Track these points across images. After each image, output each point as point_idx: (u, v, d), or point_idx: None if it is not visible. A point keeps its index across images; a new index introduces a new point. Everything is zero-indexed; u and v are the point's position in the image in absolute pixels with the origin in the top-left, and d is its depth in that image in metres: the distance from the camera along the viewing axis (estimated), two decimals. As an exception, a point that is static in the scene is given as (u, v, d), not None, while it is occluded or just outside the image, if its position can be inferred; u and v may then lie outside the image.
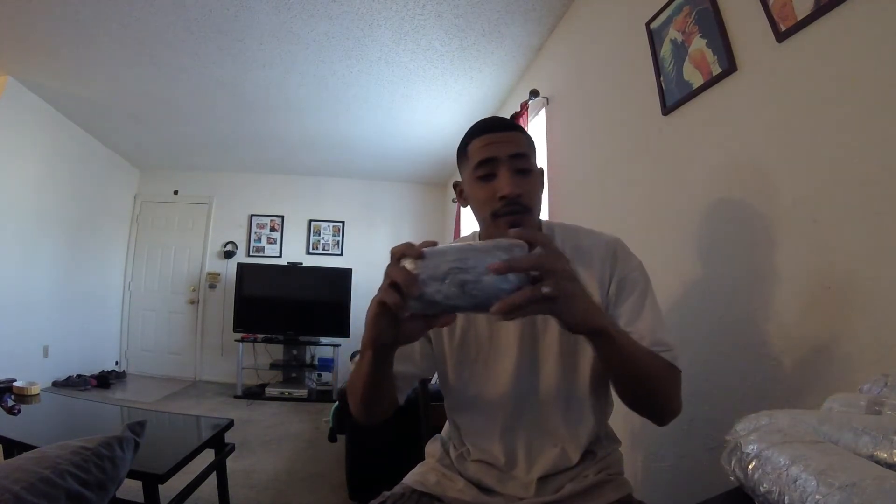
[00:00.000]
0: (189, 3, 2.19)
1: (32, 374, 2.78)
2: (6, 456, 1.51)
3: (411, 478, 0.85)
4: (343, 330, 4.40)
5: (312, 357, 4.55)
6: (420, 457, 0.93)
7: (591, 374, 0.78)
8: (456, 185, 0.86)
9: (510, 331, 0.79)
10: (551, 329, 0.78)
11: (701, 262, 1.24)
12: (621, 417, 1.47)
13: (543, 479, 0.77)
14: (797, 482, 0.40)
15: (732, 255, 1.12)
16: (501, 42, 2.46)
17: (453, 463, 0.84)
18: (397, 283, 0.48)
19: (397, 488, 0.83)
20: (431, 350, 0.84)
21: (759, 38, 1.04)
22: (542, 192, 0.82)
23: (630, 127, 1.61)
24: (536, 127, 2.46)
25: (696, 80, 1.25)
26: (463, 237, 0.92)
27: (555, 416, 0.78)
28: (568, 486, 0.75)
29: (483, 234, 0.84)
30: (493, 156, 0.75)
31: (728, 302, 1.12)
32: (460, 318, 0.81)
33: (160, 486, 1.32)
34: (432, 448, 0.90)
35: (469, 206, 0.82)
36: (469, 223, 3.61)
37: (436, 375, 0.88)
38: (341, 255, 5.02)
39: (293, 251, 4.97)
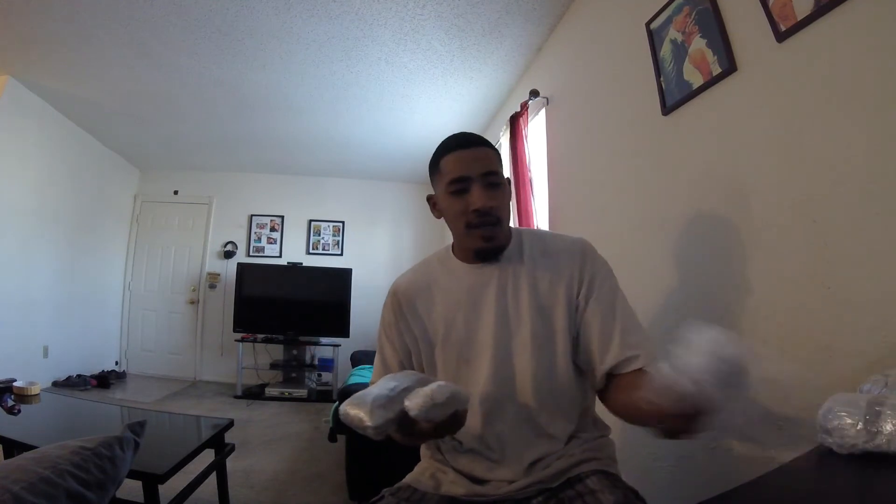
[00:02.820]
0: (189, 3, 2.19)
1: (32, 374, 2.77)
2: (6, 456, 1.51)
3: (409, 477, 0.89)
4: (343, 330, 4.40)
5: (312, 357, 4.55)
6: (418, 456, 0.95)
7: (568, 366, 0.83)
8: (430, 199, 0.93)
9: (486, 331, 0.84)
10: (524, 327, 0.83)
11: (700, 262, 1.24)
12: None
13: (532, 464, 0.81)
14: None
15: (732, 255, 1.12)
16: (501, 42, 2.46)
17: (445, 457, 0.88)
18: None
19: (396, 486, 0.86)
20: (412, 363, 0.91)
21: (759, 38, 1.04)
22: (510, 201, 0.89)
23: (630, 127, 1.61)
24: (536, 127, 2.47)
25: (696, 80, 1.25)
26: (437, 252, 0.98)
27: (536, 407, 0.82)
28: (555, 464, 0.80)
29: (456, 244, 0.92)
30: (466, 174, 0.81)
31: (728, 301, 1.12)
32: (440, 325, 0.87)
33: (160, 486, 1.32)
34: (426, 447, 0.94)
35: (443, 218, 0.90)
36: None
37: None
38: (341, 255, 5.02)
39: (293, 251, 4.97)
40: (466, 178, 0.81)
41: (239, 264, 4.60)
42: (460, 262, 0.90)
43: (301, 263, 4.78)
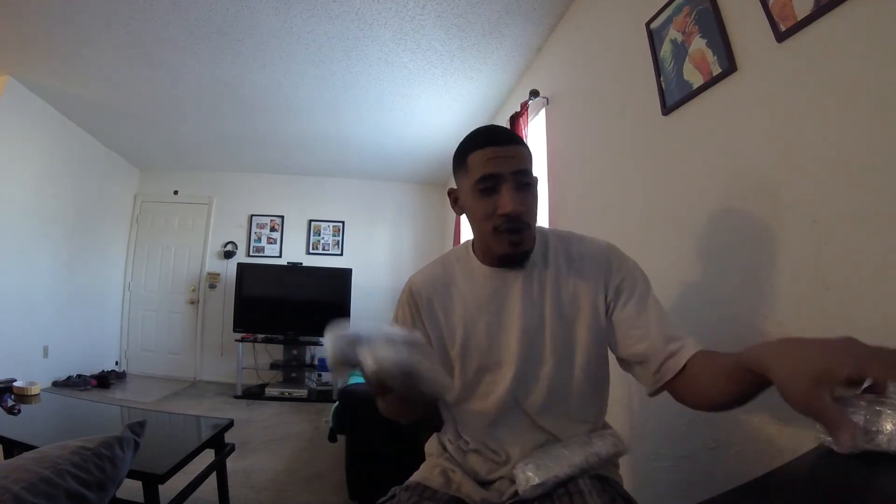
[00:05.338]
0: (189, 3, 2.19)
1: (32, 374, 2.78)
2: (6, 456, 1.51)
3: (417, 475, 0.88)
4: (343, 330, 4.40)
5: (312, 357, 4.55)
6: (419, 456, 0.95)
7: (585, 378, 0.82)
8: (451, 192, 0.86)
9: (510, 341, 0.81)
10: (546, 337, 0.81)
11: (701, 262, 1.24)
12: (622, 416, 1.48)
13: None
14: None
15: (732, 255, 1.12)
16: (501, 42, 2.46)
17: (453, 456, 0.87)
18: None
19: (406, 483, 0.86)
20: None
21: (759, 38, 1.04)
22: (538, 201, 0.84)
23: (630, 127, 1.61)
24: (536, 127, 2.47)
25: (696, 80, 1.25)
26: (455, 250, 0.94)
27: (546, 415, 0.82)
28: None
29: (479, 244, 0.86)
30: (497, 171, 0.74)
31: (728, 302, 1.12)
32: (459, 329, 0.85)
33: (160, 486, 1.32)
34: (431, 447, 0.93)
35: (465, 215, 0.83)
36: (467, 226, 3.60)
37: None
38: (341, 255, 5.02)
39: (293, 251, 4.97)
40: (497, 177, 0.74)
41: (239, 264, 4.60)
42: (481, 264, 0.85)
43: (301, 263, 4.78)
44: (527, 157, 0.78)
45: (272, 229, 5.01)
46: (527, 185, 0.77)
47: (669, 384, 0.72)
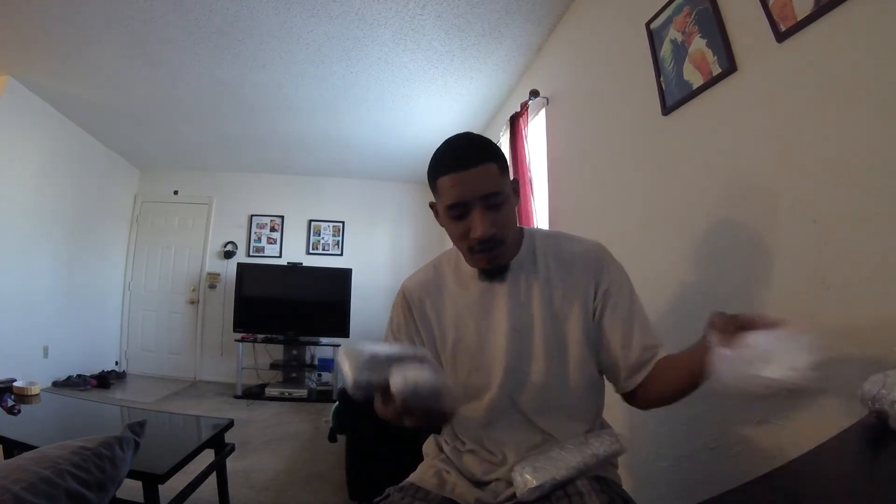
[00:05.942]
0: (189, 3, 2.19)
1: (32, 374, 2.78)
2: (6, 456, 1.51)
3: (413, 476, 0.89)
4: (343, 330, 4.40)
5: (312, 357, 4.55)
6: (418, 457, 0.95)
7: (581, 375, 0.82)
8: (432, 206, 0.88)
9: (498, 340, 0.83)
10: (536, 337, 0.82)
11: (701, 262, 1.24)
12: (621, 416, 1.48)
13: None
14: None
15: (732, 255, 1.12)
16: (501, 42, 2.46)
17: (449, 457, 0.87)
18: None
19: (400, 484, 0.86)
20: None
21: (759, 38, 1.04)
22: (517, 206, 0.86)
23: (630, 127, 1.61)
24: (536, 127, 2.47)
25: (696, 80, 1.25)
26: (446, 253, 0.95)
27: (542, 415, 0.82)
28: None
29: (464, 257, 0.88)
30: (464, 199, 0.75)
31: (727, 301, 1.12)
32: (450, 330, 0.87)
33: (160, 486, 1.32)
34: (429, 447, 0.94)
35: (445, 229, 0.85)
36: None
37: None
38: (341, 255, 5.02)
39: (293, 251, 4.97)
40: (465, 203, 0.76)
41: (239, 264, 4.60)
42: (470, 268, 0.87)
43: (301, 263, 4.77)
44: (495, 174, 0.77)
45: (272, 229, 5.01)
46: (499, 205, 0.77)
47: (636, 387, 0.79)
